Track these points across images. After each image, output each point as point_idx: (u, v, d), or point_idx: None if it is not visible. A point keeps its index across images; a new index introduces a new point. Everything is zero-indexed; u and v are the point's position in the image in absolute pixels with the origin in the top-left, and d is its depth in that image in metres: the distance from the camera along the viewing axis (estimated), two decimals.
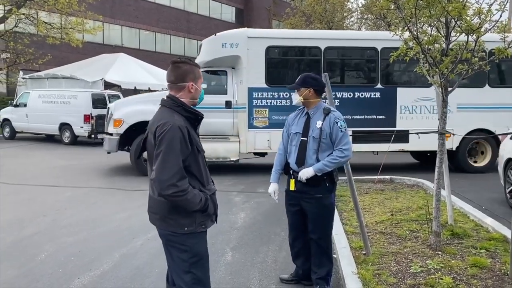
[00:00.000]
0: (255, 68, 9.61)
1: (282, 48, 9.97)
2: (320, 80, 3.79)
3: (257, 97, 9.61)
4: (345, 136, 3.60)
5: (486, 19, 3.92)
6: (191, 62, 2.56)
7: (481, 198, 7.20)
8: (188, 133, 2.41)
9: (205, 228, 2.54)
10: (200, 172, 2.50)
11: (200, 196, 2.43)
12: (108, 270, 4.33)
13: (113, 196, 7.73)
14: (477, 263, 4.01)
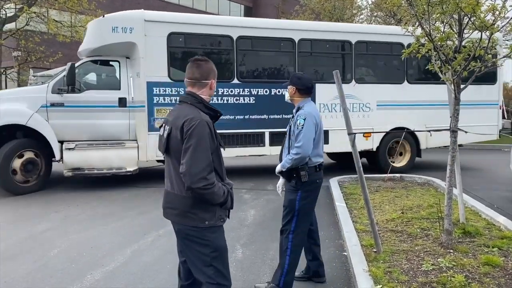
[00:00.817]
0: (156, 58, 8.12)
1: (188, 36, 8.46)
2: (305, 79, 3.78)
3: (159, 94, 8.13)
4: (300, 133, 3.56)
5: (500, 15, 3.88)
6: (210, 61, 2.65)
7: (493, 196, 7.14)
8: (214, 128, 2.50)
9: (223, 222, 2.59)
10: (221, 167, 2.56)
11: (223, 189, 2.50)
12: (119, 266, 4.37)
13: (125, 192, 7.77)
14: (489, 261, 3.99)
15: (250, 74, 9.07)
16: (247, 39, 8.89)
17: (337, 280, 4.04)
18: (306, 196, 3.67)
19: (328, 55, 9.57)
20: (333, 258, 4.57)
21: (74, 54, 26.31)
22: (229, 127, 8.53)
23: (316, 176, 3.68)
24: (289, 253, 3.67)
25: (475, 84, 9.64)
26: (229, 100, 8.65)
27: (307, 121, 3.58)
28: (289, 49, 9.09)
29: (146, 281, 4.00)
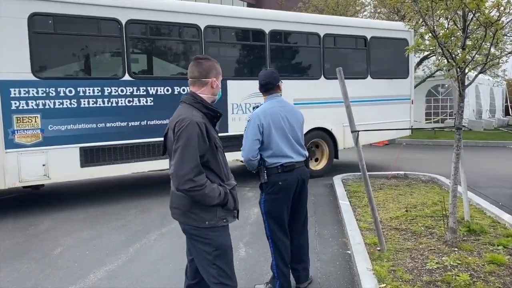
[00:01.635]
0: (12, 47, 5.91)
1: (58, 18, 6.21)
2: (259, 76, 3.65)
3: (19, 96, 5.93)
4: (244, 136, 3.48)
5: (505, 11, 3.83)
6: (212, 59, 2.62)
7: (498, 193, 7.09)
8: (206, 129, 2.44)
9: (226, 223, 2.57)
10: (219, 167, 2.53)
11: (219, 190, 2.47)
12: (122, 264, 4.36)
13: (126, 191, 7.77)
14: (494, 260, 3.95)
15: (146, 69, 7.23)
16: (143, 23, 6.89)
17: (341, 278, 4.01)
18: (270, 199, 3.52)
19: (240, 46, 8.05)
20: (337, 256, 4.55)
21: None
22: (118, 137, 6.67)
23: (278, 177, 3.47)
24: (274, 258, 3.63)
25: (387, 79, 9.64)
26: (118, 103, 6.68)
27: (249, 123, 3.47)
28: (193, 37, 7.38)
29: (149, 280, 4.00)
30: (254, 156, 3.43)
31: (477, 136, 15.55)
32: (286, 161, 3.49)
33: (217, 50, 7.88)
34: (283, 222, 3.60)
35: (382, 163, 10.06)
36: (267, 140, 3.46)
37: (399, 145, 12.24)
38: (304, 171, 3.62)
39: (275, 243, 3.60)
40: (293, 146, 3.56)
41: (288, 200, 3.56)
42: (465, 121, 17.41)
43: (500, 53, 4.21)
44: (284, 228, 3.61)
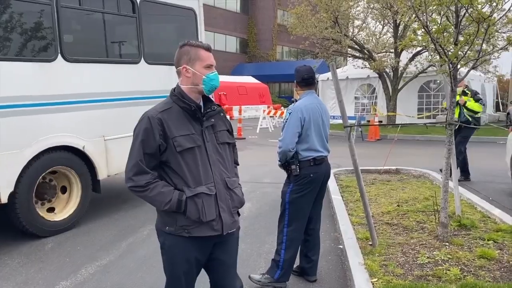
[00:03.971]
0: None
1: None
2: (299, 71, 3.75)
3: None
4: (284, 127, 3.61)
5: (497, 7, 3.85)
6: (192, 43, 2.27)
7: (488, 189, 7.15)
8: (163, 125, 2.17)
9: (188, 234, 2.21)
10: (183, 170, 2.20)
11: (171, 196, 2.17)
12: (114, 259, 4.35)
13: (117, 186, 7.73)
14: (485, 254, 3.99)
15: None
16: None
17: (333, 273, 4.03)
18: (298, 190, 3.64)
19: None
20: (329, 251, 4.57)
21: None
22: None
23: (309, 170, 3.62)
24: (284, 248, 3.67)
25: (169, 65, 5.45)
26: None
27: (292, 115, 3.58)
28: None
29: (142, 274, 3.99)
30: (293, 148, 3.56)
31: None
32: (318, 155, 3.67)
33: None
34: (305, 215, 3.73)
35: (375, 158, 10.09)
36: (305, 134, 3.61)
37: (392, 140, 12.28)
38: (329, 165, 3.83)
39: (289, 234, 3.69)
40: (323, 142, 3.75)
41: (315, 192, 3.74)
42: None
43: (492, 48, 4.22)
44: (304, 221, 3.74)
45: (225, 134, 2.39)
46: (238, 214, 2.42)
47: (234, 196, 2.34)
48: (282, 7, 36.48)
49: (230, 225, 2.31)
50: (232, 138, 2.45)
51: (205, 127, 2.28)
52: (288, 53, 44.58)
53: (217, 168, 2.29)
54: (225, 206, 2.28)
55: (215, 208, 2.24)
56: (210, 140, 2.29)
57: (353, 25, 18.26)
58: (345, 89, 19.67)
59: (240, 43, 40.05)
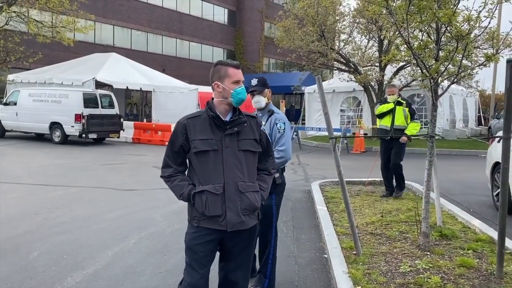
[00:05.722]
0: None
1: None
2: (263, 80, 3.81)
3: None
4: (283, 137, 3.64)
5: (475, 25, 4.03)
6: (223, 62, 2.67)
7: (469, 200, 7.33)
8: (186, 129, 2.58)
9: (197, 224, 2.60)
10: (198, 169, 2.60)
11: (183, 189, 2.59)
12: (101, 268, 4.35)
13: (105, 195, 7.72)
14: (464, 263, 4.11)
15: None
16: None
17: (318, 281, 4.11)
18: (278, 199, 3.77)
19: None
20: (314, 260, 4.64)
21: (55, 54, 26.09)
22: None
23: (284, 177, 3.81)
24: (271, 258, 3.73)
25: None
26: None
27: (286, 125, 3.69)
28: None
29: (128, 283, 4.00)
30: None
31: (450, 145, 16.00)
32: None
33: None
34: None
35: (359, 170, 10.25)
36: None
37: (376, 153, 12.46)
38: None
39: (275, 244, 3.78)
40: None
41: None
42: (439, 130, 17.88)
43: (471, 64, 4.39)
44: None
45: (249, 143, 2.64)
46: (256, 216, 2.68)
47: (244, 199, 2.59)
48: (269, 20, 36.87)
49: (235, 224, 2.58)
50: (257, 147, 2.68)
51: (226, 134, 2.58)
52: (275, 65, 44.96)
53: (231, 172, 2.57)
54: (232, 206, 2.56)
55: (221, 206, 2.55)
56: (231, 146, 2.58)
57: (339, 39, 18.62)
58: (331, 101, 19.94)
59: (227, 55, 40.28)
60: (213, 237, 2.61)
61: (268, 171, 2.79)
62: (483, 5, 3.92)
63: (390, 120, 7.38)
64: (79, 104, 15.83)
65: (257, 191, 2.66)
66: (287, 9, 17.73)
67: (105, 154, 13.93)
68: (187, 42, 35.93)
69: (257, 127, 2.70)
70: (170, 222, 5.87)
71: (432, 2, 4.06)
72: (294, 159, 12.89)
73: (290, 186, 8.55)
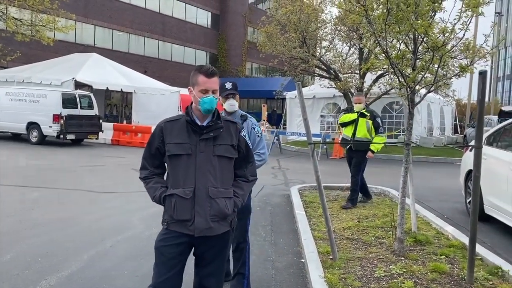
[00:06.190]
0: None
1: None
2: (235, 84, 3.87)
3: None
4: (261, 141, 3.81)
5: (450, 37, 4.15)
6: (198, 68, 2.63)
7: (443, 207, 7.50)
8: (163, 132, 2.60)
9: (166, 227, 2.60)
10: (173, 173, 2.59)
11: (156, 191, 2.61)
12: (76, 271, 4.30)
13: (82, 197, 7.62)
14: (437, 268, 4.21)
15: None
16: None
17: (294, 286, 4.14)
18: (250, 199, 3.88)
19: None
20: (291, 264, 4.68)
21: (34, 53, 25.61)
22: None
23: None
24: (248, 257, 3.82)
25: None
26: None
27: (260, 130, 3.84)
28: None
29: (103, 287, 3.96)
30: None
31: (427, 152, 16.32)
32: None
33: None
34: None
35: (338, 175, 10.36)
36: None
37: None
38: None
39: (249, 243, 3.87)
40: None
41: None
42: (417, 137, 18.22)
43: (446, 74, 4.53)
44: None
45: (225, 148, 2.60)
46: (228, 223, 2.63)
47: (214, 205, 2.55)
48: (252, 24, 37.02)
49: (203, 230, 2.55)
50: (234, 153, 2.63)
51: (202, 139, 2.56)
52: (258, 70, 45.14)
53: (204, 177, 2.54)
54: (201, 212, 2.54)
55: (190, 210, 2.53)
56: (206, 151, 2.56)
57: (321, 46, 18.81)
58: (312, 107, 20.12)
59: (210, 58, 40.26)
60: (181, 241, 2.58)
61: (246, 178, 2.74)
62: (458, 18, 4.05)
63: (352, 131, 7.19)
64: (57, 104, 15.58)
65: (230, 198, 2.61)
66: (270, 15, 17.84)
67: (83, 156, 13.74)
68: (170, 44, 35.79)
69: (236, 132, 2.67)
70: (148, 225, 5.84)
71: (409, 13, 4.17)
72: (275, 163, 12.97)
73: (270, 191, 8.63)
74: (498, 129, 6.82)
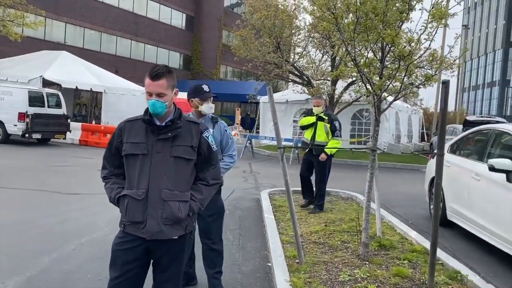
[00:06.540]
0: None
1: None
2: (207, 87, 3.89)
3: None
4: (233, 143, 3.93)
5: (416, 47, 4.27)
6: (150, 70, 2.55)
7: (409, 213, 7.67)
8: (122, 132, 2.56)
9: (122, 228, 2.54)
10: (129, 173, 2.53)
11: (112, 192, 2.57)
12: (36, 274, 4.17)
13: (46, 198, 7.41)
14: (399, 273, 4.30)
15: None
16: None
17: None
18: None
19: None
20: (258, 268, 4.68)
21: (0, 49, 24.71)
22: None
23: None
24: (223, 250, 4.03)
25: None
26: None
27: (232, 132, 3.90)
28: None
29: None
30: None
31: (395, 159, 16.68)
32: None
33: None
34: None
35: None
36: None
37: None
38: None
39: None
40: None
41: None
42: (385, 144, 18.60)
43: (412, 83, 4.65)
44: None
45: (183, 150, 2.49)
46: (183, 227, 2.52)
47: (167, 208, 2.45)
48: (227, 28, 37.01)
49: (155, 233, 2.46)
50: (193, 154, 2.52)
51: (159, 139, 2.49)
52: (232, 73, 45.14)
53: (158, 178, 2.46)
54: (154, 214, 2.45)
55: (143, 212, 2.46)
56: (162, 151, 2.48)
57: (294, 52, 18.99)
58: (285, 112, 20.24)
59: (183, 60, 40.00)
60: (136, 244, 2.49)
61: (206, 181, 2.62)
62: (424, 29, 4.17)
63: (311, 134, 7.26)
64: (23, 102, 15.11)
65: (185, 201, 2.50)
66: (245, 19, 17.88)
67: (49, 156, 13.37)
68: (143, 44, 35.35)
69: (197, 133, 2.56)
70: (113, 227, 5.71)
71: (378, 22, 4.27)
72: (246, 167, 12.96)
73: (240, 195, 8.62)
74: (461, 137, 7.05)
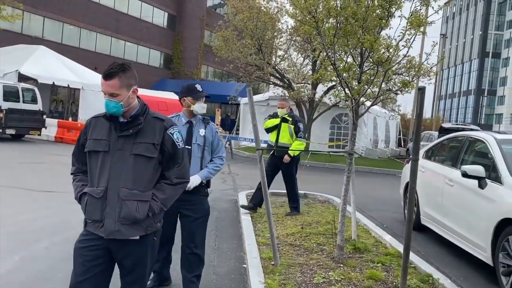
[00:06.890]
0: None
1: None
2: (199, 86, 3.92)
3: None
4: (222, 145, 3.99)
5: (394, 53, 4.35)
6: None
7: (384, 217, 7.78)
8: (87, 127, 2.54)
9: (85, 227, 2.54)
10: (90, 170, 2.51)
11: (77, 189, 2.54)
12: (5, 273, 4.06)
13: (18, 195, 7.23)
14: (373, 275, 4.36)
15: None
16: None
17: None
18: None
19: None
20: (233, 270, 4.67)
21: None
22: None
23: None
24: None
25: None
26: None
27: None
28: None
29: None
30: None
31: (372, 163, 16.92)
32: None
33: None
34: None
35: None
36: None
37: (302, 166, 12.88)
38: None
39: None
40: None
41: None
42: (362, 149, 18.84)
43: (389, 89, 4.72)
44: None
45: (145, 147, 2.41)
46: (144, 228, 2.44)
47: (124, 207, 2.40)
48: (209, 28, 36.90)
49: (112, 232, 2.42)
50: (154, 152, 2.44)
51: (121, 136, 2.44)
52: (213, 74, 44.99)
53: (117, 176, 2.41)
54: (112, 213, 2.41)
55: (101, 211, 2.43)
56: (123, 149, 2.42)
57: (276, 55, 19.06)
58: (266, 113, 20.17)
59: (164, 58, 39.67)
60: (97, 243, 2.45)
61: (170, 180, 2.51)
62: (402, 36, 4.24)
63: (275, 136, 7.15)
64: None
65: (145, 201, 2.42)
66: (227, 20, 17.86)
67: (24, 152, 13.06)
68: (123, 41, 34.92)
69: (161, 130, 2.47)
70: None
71: (358, 27, 4.33)
72: (225, 168, 12.93)
73: (218, 196, 8.59)
74: (436, 144, 7.19)
